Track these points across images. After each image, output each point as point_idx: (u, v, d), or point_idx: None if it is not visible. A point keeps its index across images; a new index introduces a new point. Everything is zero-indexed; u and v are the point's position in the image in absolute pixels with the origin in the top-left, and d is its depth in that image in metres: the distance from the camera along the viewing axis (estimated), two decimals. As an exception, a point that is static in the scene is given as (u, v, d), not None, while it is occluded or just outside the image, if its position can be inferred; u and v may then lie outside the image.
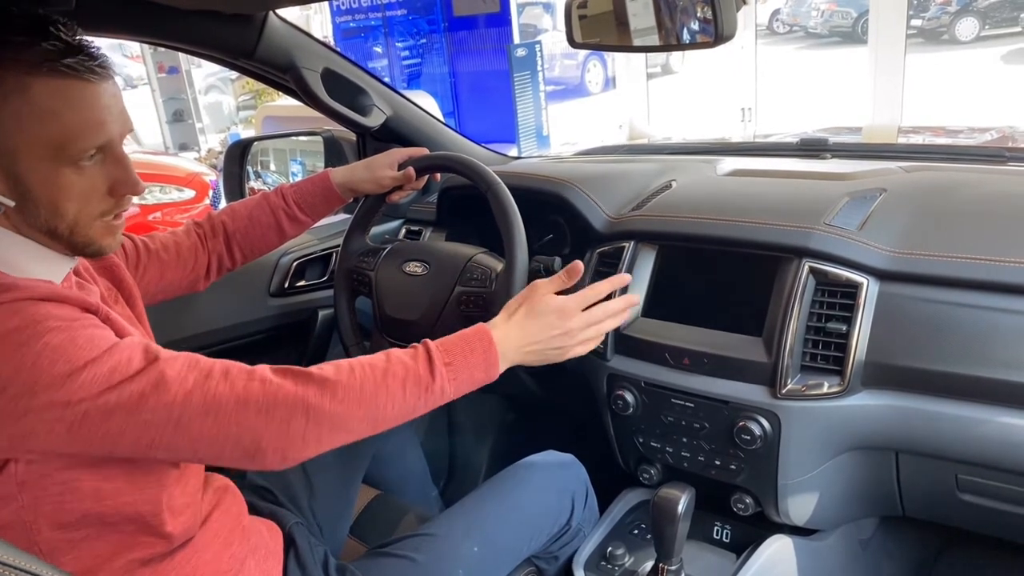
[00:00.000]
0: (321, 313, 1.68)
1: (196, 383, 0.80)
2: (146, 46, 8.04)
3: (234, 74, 9.23)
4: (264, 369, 0.85)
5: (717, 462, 1.20)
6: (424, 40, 7.72)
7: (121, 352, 0.78)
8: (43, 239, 0.83)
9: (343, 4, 7.93)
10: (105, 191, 0.84)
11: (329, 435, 0.85)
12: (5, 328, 0.73)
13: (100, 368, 0.76)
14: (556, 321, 0.99)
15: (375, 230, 1.62)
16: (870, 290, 1.08)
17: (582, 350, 1.03)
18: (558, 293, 1.03)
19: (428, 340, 0.94)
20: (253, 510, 1.09)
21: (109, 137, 0.82)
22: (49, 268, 0.85)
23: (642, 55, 7.05)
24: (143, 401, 0.77)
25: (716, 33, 0.98)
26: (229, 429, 0.80)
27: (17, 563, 0.46)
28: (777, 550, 1.23)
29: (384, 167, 1.34)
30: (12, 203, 0.79)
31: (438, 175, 1.52)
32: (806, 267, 1.11)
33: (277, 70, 1.45)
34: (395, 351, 0.91)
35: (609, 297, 1.07)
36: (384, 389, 0.88)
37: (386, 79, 2.53)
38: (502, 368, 0.97)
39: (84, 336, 0.76)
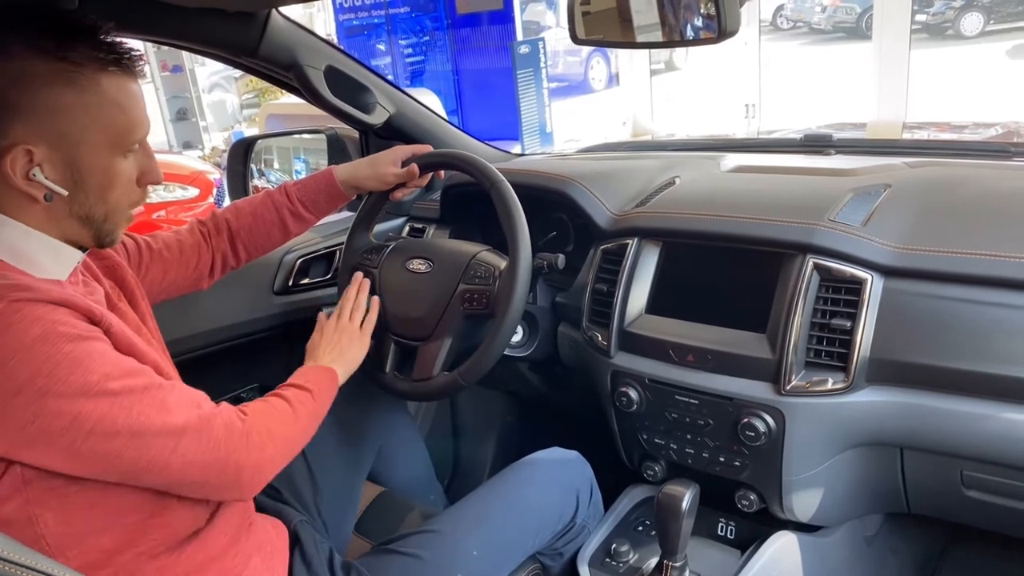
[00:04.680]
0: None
1: (191, 408, 0.86)
2: (150, 44, 8.04)
3: (238, 72, 9.23)
4: (231, 407, 0.94)
5: (721, 459, 1.20)
6: (427, 37, 7.73)
7: (131, 374, 0.82)
8: (72, 227, 0.87)
9: (346, 2, 7.95)
10: (135, 181, 0.91)
11: (287, 454, 0.97)
12: (28, 336, 0.76)
13: (112, 384, 0.79)
14: (332, 335, 1.21)
15: (379, 228, 1.62)
16: (874, 286, 1.08)
17: (362, 345, 1.23)
18: None
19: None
20: (259, 507, 1.09)
21: (147, 130, 0.91)
22: (57, 261, 0.87)
23: (645, 51, 7.04)
24: (148, 422, 0.81)
25: (719, 29, 0.97)
26: (218, 454, 0.87)
27: (21, 560, 0.47)
28: (781, 547, 1.23)
29: (388, 164, 1.34)
30: (66, 192, 0.84)
31: (442, 172, 1.52)
32: (810, 263, 1.11)
33: (280, 68, 1.45)
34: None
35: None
36: (301, 398, 1.02)
37: (389, 76, 2.53)
38: (340, 373, 1.14)
39: (98, 350, 0.80)
